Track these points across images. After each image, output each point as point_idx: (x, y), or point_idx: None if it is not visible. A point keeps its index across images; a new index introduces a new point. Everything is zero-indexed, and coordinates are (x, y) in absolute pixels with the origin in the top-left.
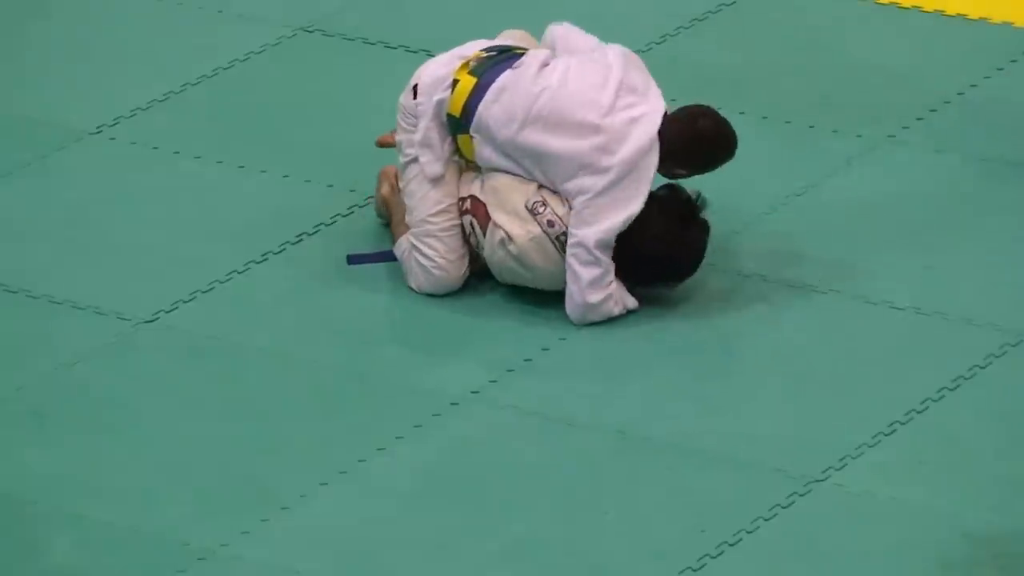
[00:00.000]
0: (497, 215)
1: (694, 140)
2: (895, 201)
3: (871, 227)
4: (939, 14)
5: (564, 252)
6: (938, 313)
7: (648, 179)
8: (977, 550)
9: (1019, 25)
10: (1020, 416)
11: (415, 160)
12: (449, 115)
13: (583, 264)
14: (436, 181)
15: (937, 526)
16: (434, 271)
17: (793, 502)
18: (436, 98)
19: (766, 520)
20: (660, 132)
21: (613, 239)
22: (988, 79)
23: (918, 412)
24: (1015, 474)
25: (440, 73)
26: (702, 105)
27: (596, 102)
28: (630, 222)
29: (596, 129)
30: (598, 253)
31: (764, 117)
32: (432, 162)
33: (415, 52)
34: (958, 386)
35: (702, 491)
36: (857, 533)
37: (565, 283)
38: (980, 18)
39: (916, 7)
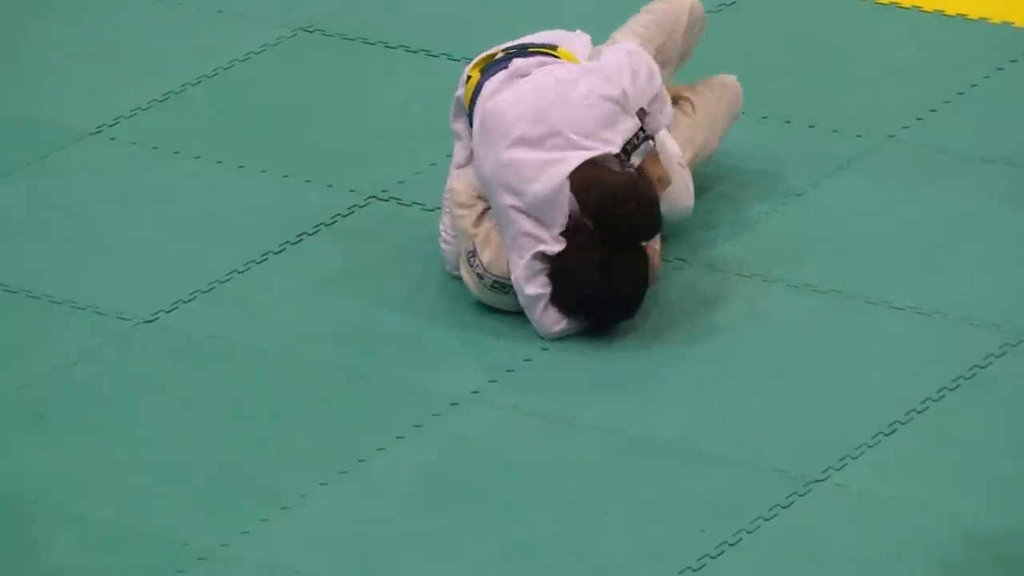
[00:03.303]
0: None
1: (612, 217)
2: (895, 201)
3: (871, 227)
4: (939, 14)
5: (501, 293)
6: (938, 313)
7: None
8: (977, 550)
9: (1019, 25)
10: (1020, 416)
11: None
12: (467, 112)
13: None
14: (459, 168)
15: (937, 526)
16: (440, 243)
17: (793, 502)
18: (456, 94)
19: (766, 520)
20: (573, 183)
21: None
22: (988, 79)
23: (918, 412)
24: (1015, 474)
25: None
26: (634, 187)
27: (523, 133)
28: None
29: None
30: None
31: (764, 117)
32: (458, 151)
33: (415, 52)
34: (958, 386)
35: (702, 491)
36: (857, 533)
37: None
38: (980, 18)
39: (916, 7)
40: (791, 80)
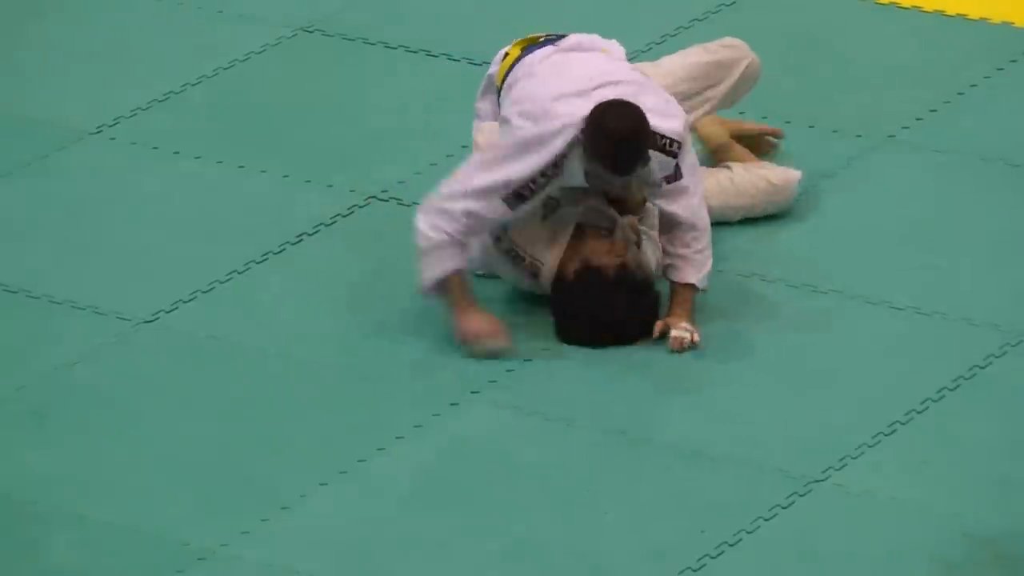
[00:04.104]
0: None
1: (599, 130)
2: (895, 201)
3: (871, 227)
4: (939, 14)
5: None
6: (938, 313)
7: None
8: (977, 550)
9: (1019, 25)
10: (1020, 416)
11: None
12: (497, 89)
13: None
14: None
15: (937, 526)
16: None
17: (793, 502)
18: (489, 71)
19: (766, 520)
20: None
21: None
22: (988, 79)
23: (918, 412)
24: (1015, 474)
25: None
26: (619, 99)
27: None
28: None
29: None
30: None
31: (764, 117)
32: (474, 131)
33: (415, 52)
34: (958, 386)
35: (702, 491)
36: (857, 533)
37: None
38: (980, 18)
39: (916, 7)
40: (791, 80)
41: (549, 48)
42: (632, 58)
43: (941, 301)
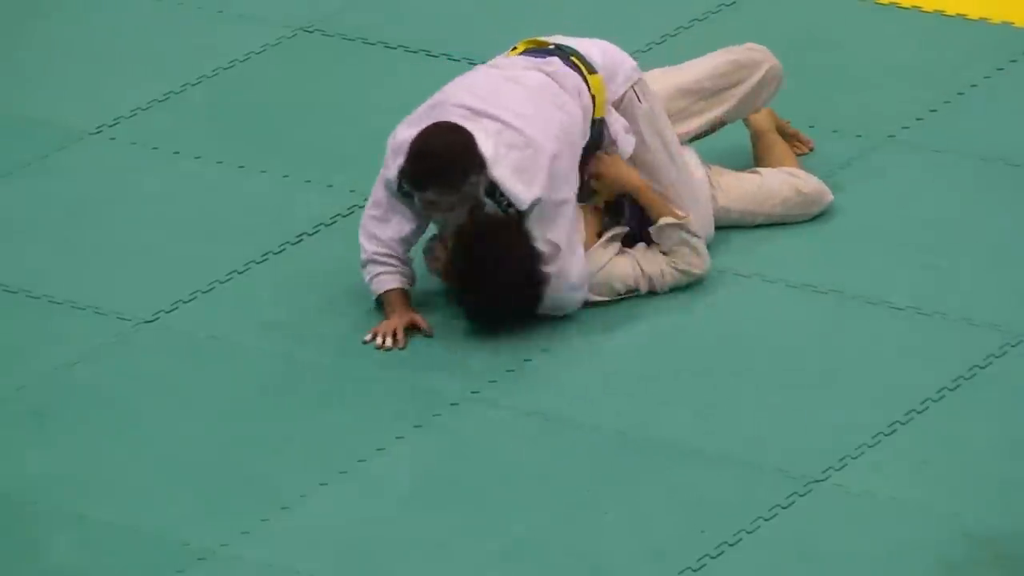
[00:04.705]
0: None
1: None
2: (895, 201)
3: (871, 227)
4: (939, 14)
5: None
6: (938, 313)
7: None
8: (977, 550)
9: (1019, 25)
10: (1020, 416)
11: None
12: None
13: None
14: None
15: (937, 526)
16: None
17: (793, 502)
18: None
19: (766, 520)
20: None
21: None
22: (988, 79)
23: (918, 412)
24: (1015, 474)
25: None
26: (452, 124)
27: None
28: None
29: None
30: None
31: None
32: None
33: (415, 52)
34: (958, 386)
35: (702, 491)
36: (857, 533)
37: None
38: (980, 18)
39: (916, 7)
40: (791, 80)
41: (519, 61)
42: (633, 58)
43: (941, 301)
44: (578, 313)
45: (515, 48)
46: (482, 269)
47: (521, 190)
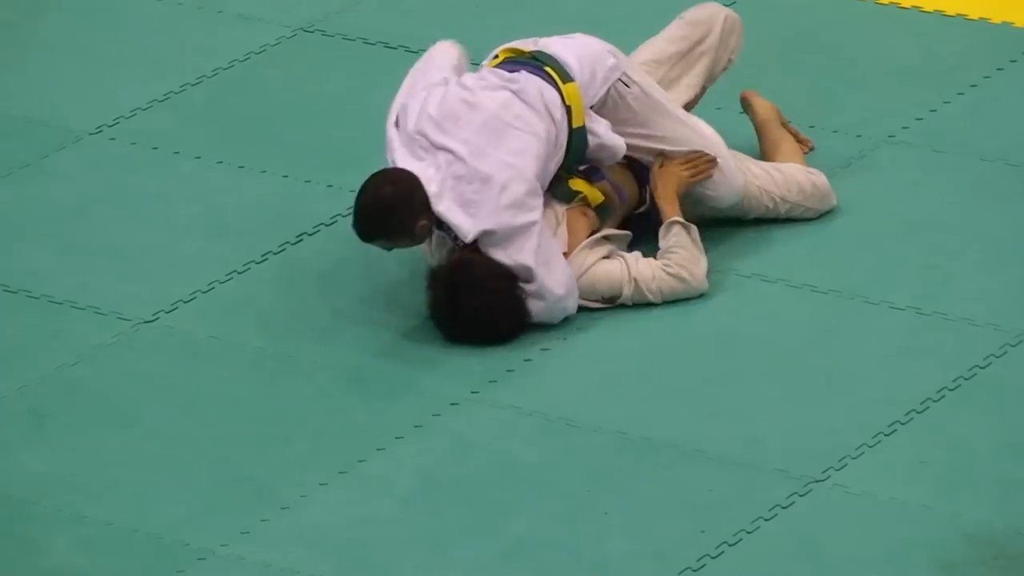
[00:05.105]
0: None
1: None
2: (895, 201)
3: (871, 227)
4: (939, 14)
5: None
6: (938, 313)
7: None
8: (977, 550)
9: (1019, 25)
10: (1020, 416)
11: None
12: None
13: None
14: None
15: (937, 526)
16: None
17: (793, 502)
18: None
19: (766, 520)
20: None
21: None
22: (988, 79)
23: (918, 412)
24: (1015, 474)
25: None
26: (395, 172)
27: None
28: None
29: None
30: None
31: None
32: None
33: (415, 52)
34: (958, 386)
35: (702, 491)
36: (857, 533)
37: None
38: (980, 18)
39: (916, 7)
40: (791, 80)
41: (489, 78)
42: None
43: (941, 301)
44: (577, 314)
45: (496, 57)
46: (465, 316)
47: (464, 222)
